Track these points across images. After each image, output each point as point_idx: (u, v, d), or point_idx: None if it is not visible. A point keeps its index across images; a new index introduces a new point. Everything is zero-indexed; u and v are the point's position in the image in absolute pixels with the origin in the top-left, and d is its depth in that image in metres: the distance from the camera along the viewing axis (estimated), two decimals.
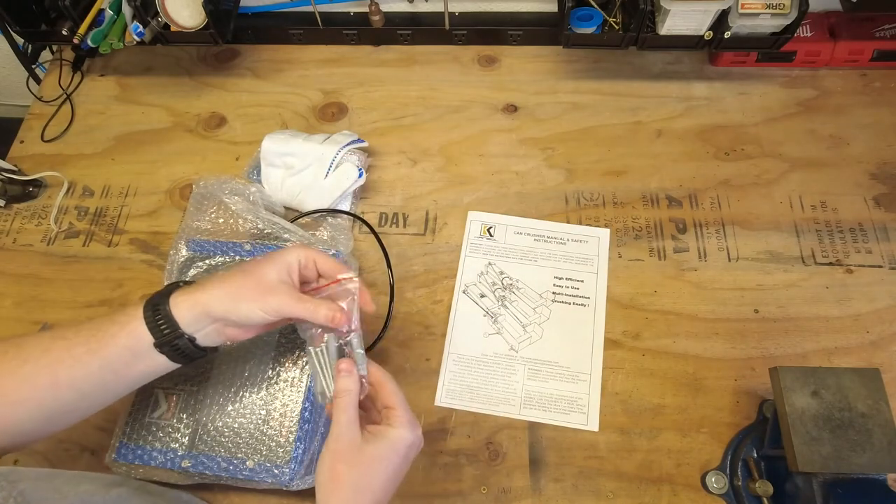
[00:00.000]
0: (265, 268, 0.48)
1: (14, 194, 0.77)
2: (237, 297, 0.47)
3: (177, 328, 0.46)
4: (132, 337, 0.46)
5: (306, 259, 0.50)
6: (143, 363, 0.47)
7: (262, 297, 0.47)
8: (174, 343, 0.46)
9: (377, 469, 0.43)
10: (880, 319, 0.65)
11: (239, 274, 0.48)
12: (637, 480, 0.59)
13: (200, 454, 0.56)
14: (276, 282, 0.48)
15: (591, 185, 0.76)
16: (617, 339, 0.66)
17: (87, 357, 0.45)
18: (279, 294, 0.47)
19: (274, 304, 0.47)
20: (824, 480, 0.49)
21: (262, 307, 0.47)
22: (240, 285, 0.47)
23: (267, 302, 0.47)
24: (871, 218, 0.72)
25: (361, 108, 0.84)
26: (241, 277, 0.48)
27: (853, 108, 0.80)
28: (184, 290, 0.48)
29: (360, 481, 0.42)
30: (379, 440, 0.44)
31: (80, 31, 0.74)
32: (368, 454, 0.43)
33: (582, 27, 0.74)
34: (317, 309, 0.48)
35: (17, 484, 0.42)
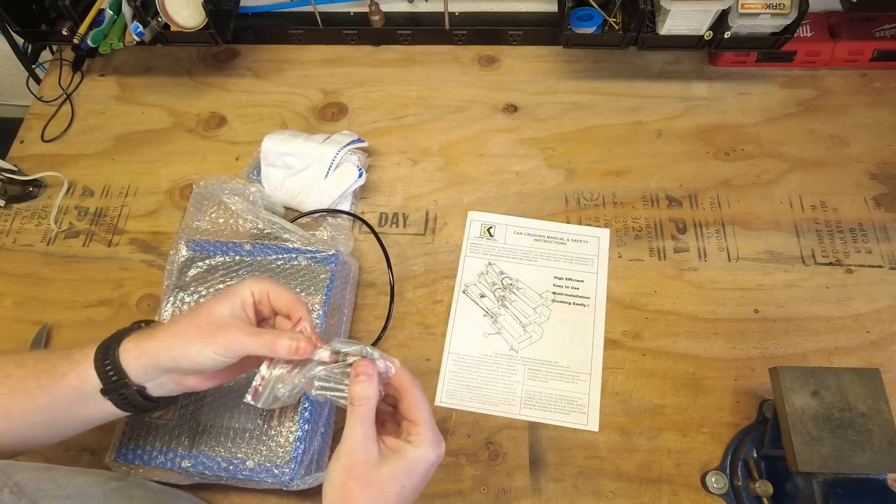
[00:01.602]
0: (214, 305, 0.44)
1: (14, 194, 0.77)
2: (184, 341, 0.43)
3: (124, 377, 0.43)
4: (80, 379, 0.44)
5: (259, 293, 0.45)
6: (90, 407, 0.45)
7: (210, 336, 0.42)
8: (121, 392, 0.44)
9: (392, 490, 0.39)
10: (880, 319, 0.65)
11: (188, 316, 0.45)
12: (637, 480, 0.59)
13: (200, 454, 0.56)
14: (226, 317, 0.44)
15: (591, 185, 0.76)
16: (617, 339, 0.66)
17: (37, 392, 0.44)
18: (228, 329, 0.43)
19: (223, 342, 0.42)
20: (824, 480, 0.49)
21: (211, 348, 0.42)
22: (185, 327, 0.43)
23: (215, 341, 0.42)
24: (871, 218, 0.72)
25: (361, 108, 0.84)
26: (189, 319, 0.44)
27: (853, 108, 0.80)
28: (136, 336, 0.45)
29: (379, 496, 0.38)
30: (397, 460, 0.40)
31: (80, 31, 0.74)
32: (384, 474, 0.39)
33: (582, 27, 0.74)
34: (275, 341, 0.42)
35: (13, 475, 0.41)
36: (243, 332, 0.43)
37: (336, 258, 0.64)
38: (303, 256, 0.64)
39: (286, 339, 0.42)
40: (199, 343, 0.42)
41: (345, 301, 0.66)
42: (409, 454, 0.40)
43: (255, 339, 0.43)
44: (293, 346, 0.42)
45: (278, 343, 0.42)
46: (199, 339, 0.43)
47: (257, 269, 0.64)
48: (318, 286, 0.62)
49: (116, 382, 0.44)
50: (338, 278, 0.64)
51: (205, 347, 0.42)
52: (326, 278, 0.63)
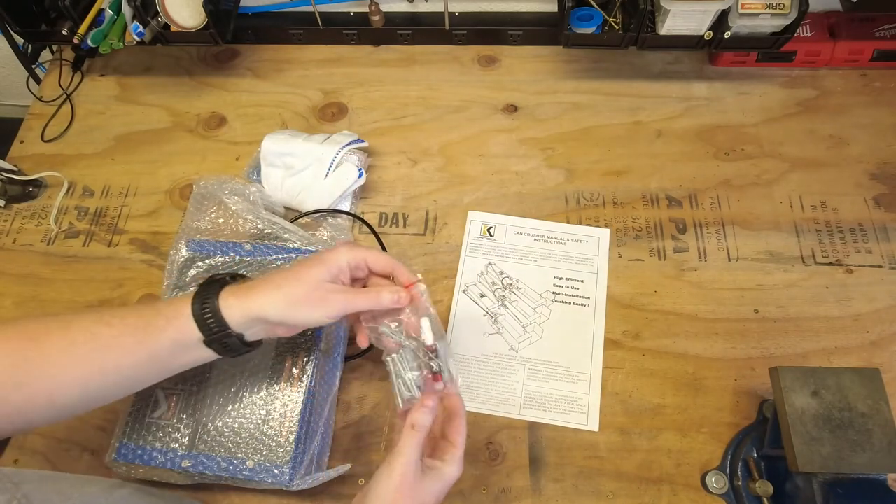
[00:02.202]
0: (316, 270, 0.48)
1: (14, 194, 0.77)
2: (295, 305, 0.47)
3: (227, 328, 0.47)
4: (181, 332, 0.46)
5: (355, 260, 0.50)
6: (190, 355, 0.48)
7: (320, 302, 0.47)
8: (224, 341, 0.47)
9: (429, 499, 0.45)
10: (880, 319, 0.65)
11: (291, 279, 0.47)
12: (637, 480, 0.59)
13: (200, 454, 0.56)
14: (329, 285, 0.48)
15: (591, 185, 0.76)
16: (617, 339, 0.66)
17: (136, 347, 0.46)
18: (336, 296, 0.47)
19: (334, 307, 0.47)
20: (824, 480, 0.49)
21: (322, 312, 0.47)
22: (295, 292, 0.47)
23: (326, 307, 0.47)
24: (871, 218, 0.72)
25: (361, 108, 0.84)
26: (295, 284, 0.47)
27: (853, 108, 0.80)
28: (234, 290, 0.48)
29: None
30: (434, 478, 0.46)
31: (80, 31, 0.74)
32: (425, 489, 0.45)
33: (582, 27, 0.74)
34: (379, 296, 0.49)
35: (21, 486, 0.42)
36: (349, 295, 0.48)
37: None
38: (303, 256, 0.64)
39: (387, 293, 0.49)
40: (309, 308, 0.47)
41: None
42: (444, 473, 0.46)
43: (362, 298, 0.49)
44: (395, 297, 0.49)
45: (382, 297, 0.49)
46: (309, 305, 0.47)
47: (257, 270, 0.64)
48: None
49: (220, 334, 0.47)
50: None
51: (315, 312, 0.47)
52: None
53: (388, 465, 0.45)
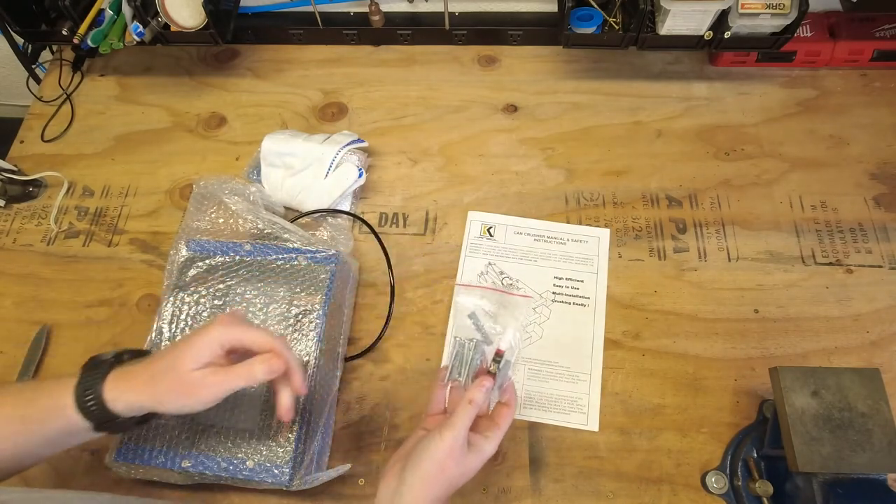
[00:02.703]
0: (185, 360, 0.46)
1: (14, 194, 0.77)
2: (167, 400, 0.46)
3: (115, 417, 0.47)
4: (69, 422, 0.46)
5: (230, 342, 0.48)
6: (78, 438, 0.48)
7: (190, 394, 0.46)
8: (114, 427, 0.48)
9: (468, 471, 0.49)
10: (880, 319, 0.65)
11: (164, 371, 0.47)
12: (637, 480, 0.59)
13: (200, 454, 0.56)
14: (197, 374, 0.46)
15: (591, 185, 0.76)
16: (617, 339, 0.66)
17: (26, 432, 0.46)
18: (208, 382, 0.46)
19: (208, 396, 0.46)
20: (824, 480, 0.49)
21: (194, 403, 0.46)
22: (165, 388, 0.46)
23: (197, 397, 0.46)
24: (871, 218, 0.72)
25: (361, 108, 0.84)
26: (164, 377, 0.47)
27: (853, 108, 0.80)
28: (118, 376, 0.47)
29: (457, 477, 0.48)
30: (477, 451, 0.49)
31: (80, 31, 0.74)
32: (469, 459, 0.49)
33: (582, 27, 0.74)
34: (251, 371, 0.47)
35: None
36: (220, 376, 0.47)
37: (336, 258, 0.64)
38: (303, 256, 0.64)
39: (259, 365, 0.47)
40: (181, 400, 0.46)
41: (345, 301, 0.66)
42: (484, 448, 0.50)
43: (234, 378, 0.47)
44: (267, 368, 0.47)
45: (254, 373, 0.47)
46: (181, 397, 0.46)
47: (257, 270, 0.64)
48: (318, 286, 0.62)
49: (108, 423, 0.47)
50: (338, 278, 0.64)
51: (188, 402, 0.46)
52: (326, 278, 0.63)
53: (439, 432, 0.48)
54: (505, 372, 0.58)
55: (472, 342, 0.59)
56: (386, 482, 0.48)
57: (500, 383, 0.57)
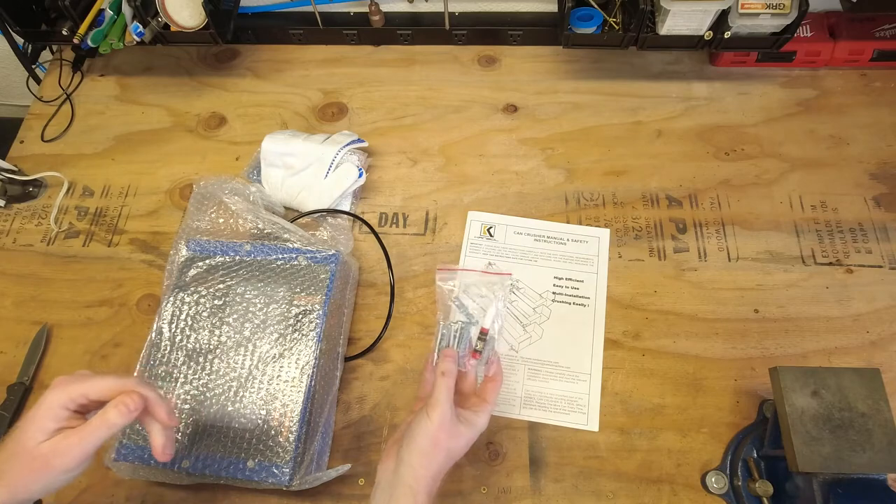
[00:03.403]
0: (29, 436, 0.42)
1: (14, 194, 0.77)
2: (24, 487, 0.42)
3: None
4: None
5: (71, 399, 0.44)
6: None
7: (45, 470, 0.42)
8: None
9: (462, 443, 0.50)
10: (880, 319, 0.65)
11: (9, 460, 0.42)
12: (637, 480, 0.59)
13: (200, 454, 0.56)
14: (46, 445, 0.42)
15: (591, 185, 0.76)
16: (617, 339, 0.66)
17: None
18: (62, 454, 0.42)
19: (66, 465, 0.42)
20: (824, 480, 0.49)
21: (55, 477, 0.42)
22: (17, 475, 0.42)
23: (58, 468, 0.42)
24: (871, 218, 0.72)
25: (361, 108, 0.84)
26: (10, 465, 0.42)
27: (853, 108, 0.80)
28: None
29: (452, 450, 0.50)
30: (469, 424, 0.51)
31: (80, 31, 0.74)
32: (460, 431, 0.50)
33: (582, 27, 0.74)
34: (106, 421, 0.43)
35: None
36: (72, 440, 0.42)
37: (336, 258, 0.64)
38: (303, 256, 0.64)
39: (113, 412, 0.43)
40: (40, 479, 0.42)
41: (345, 301, 0.66)
42: (476, 422, 0.51)
43: (88, 435, 0.43)
44: (122, 409, 0.43)
45: (109, 417, 0.43)
46: (37, 477, 0.42)
47: (257, 270, 0.64)
48: (318, 286, 0.62)
49: None
50: (338, 278, 0.64)
51: (48, 478, 0.42)
52: (326, 278, 0.63)
53: (425, 410, 0.49)
54: (490, 347, 0.59)
55: (458, 324, 0.60)
56: (384, 465, 0.50)
57: (485, 359, 0.59)
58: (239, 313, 0.62)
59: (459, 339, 0.59)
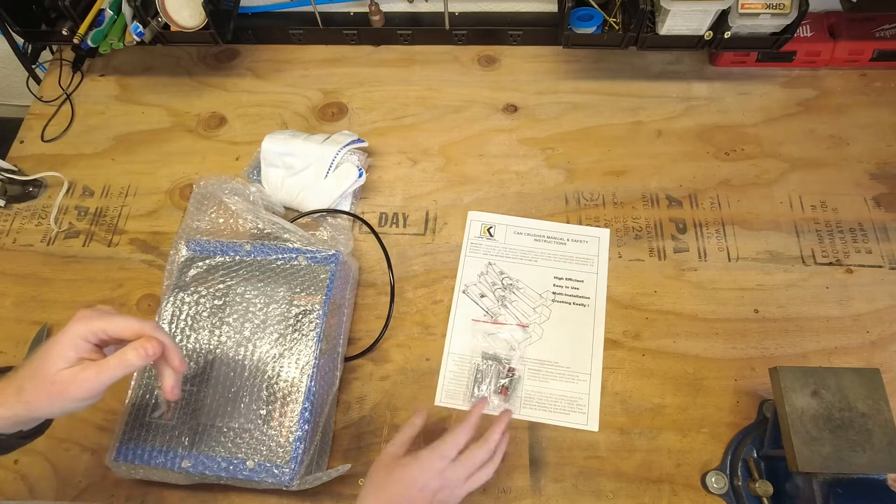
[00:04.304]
0: (49, 363, 0.44)
1: (14, 194, 0.77)
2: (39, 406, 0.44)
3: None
4: None
5: (92, 333, 0.45)
6: None
7: (63, 395, 0.44)
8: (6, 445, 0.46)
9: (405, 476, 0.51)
10: (880, 319, 0.65)
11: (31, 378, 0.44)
12: (637, 480, 0.59)
13: (200, 454, 0.56)
14: (66, 373, 0.44)
15: (591, 185, 0.76)
16: (617, 339, 0.66)
17: None
18: (79, 383, 0.44)
19: (80, 394, 0.44)
20: (824, 480, 0.49)
21: (70, 404, 0.44)
22: (36, 396, 0.44)
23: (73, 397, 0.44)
24: (871, 218, 0.72)
25: (361, 108, 0.84)
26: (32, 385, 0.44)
27: (853, 108, 0.80)
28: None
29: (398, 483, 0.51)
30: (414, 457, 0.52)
31: (80, 31, 0.74)
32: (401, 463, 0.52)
33: (582, 27, 0.74)
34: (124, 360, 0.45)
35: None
36: (92, 371, 0.44)
37: (336, 258, 0.64)
38: (303, 256, 0.64)
39: (132, 353, 0.45)
40: (55, 403, 0.44)
41: (345, 301, 0.66)
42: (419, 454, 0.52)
43: (105, 371, 0.44)
44: (141, 353, 0.45)
45: (128, 358, 0.45)
46: (53, 400, 0.44)
47: (257, 270, 0.64)
48: (318, 286, 0.62)
49: None
50: (338, 278, 0.64)
51: (62, 403, 0.44)
52: (326, 278, 0.63)
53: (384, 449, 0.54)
54: (516, 386, 0.64)
55: (492, 364, 0.64)
56: None
57: (510, 397, 0.63)
58: (239, 313, 0.62)
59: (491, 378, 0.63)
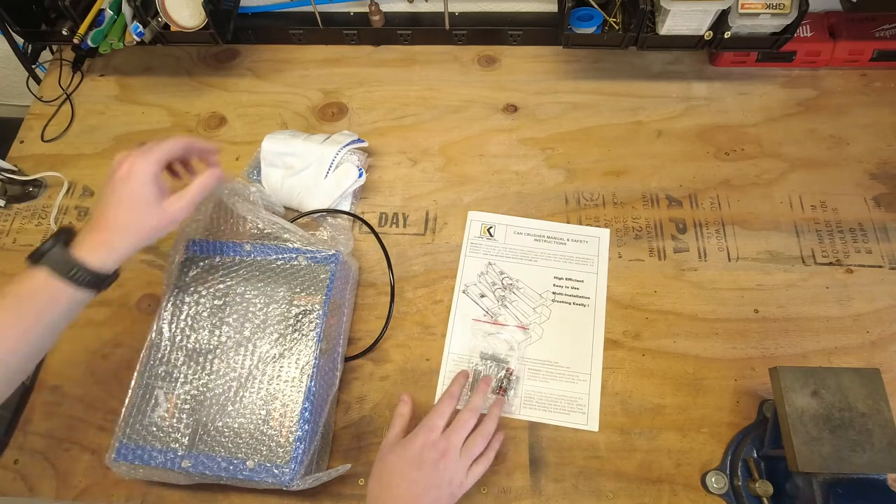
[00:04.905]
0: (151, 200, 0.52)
1: (14, 194, 0.77)
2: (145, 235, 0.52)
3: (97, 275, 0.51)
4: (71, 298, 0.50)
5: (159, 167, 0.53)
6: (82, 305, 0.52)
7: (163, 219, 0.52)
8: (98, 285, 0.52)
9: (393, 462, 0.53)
10: (880, 319, 0.65)
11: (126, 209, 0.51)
12: (637, 480, 0.59)
13: (200, 454, 0.56)
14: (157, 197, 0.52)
15: (591, 185, 0.76)
16: (617, 339, 0.66)
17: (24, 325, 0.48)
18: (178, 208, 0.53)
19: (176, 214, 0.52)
20: (824, 480, 0.49)
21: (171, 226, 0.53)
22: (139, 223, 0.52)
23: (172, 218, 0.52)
24: (871, 218, 0.72)
25: (361, 108, 0.84)
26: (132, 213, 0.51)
27: (853, 108, 0.80)
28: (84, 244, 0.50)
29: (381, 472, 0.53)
30: (400, 445, 0.54)
31: (80, 31, 0.74)
32: (389, 459, 0.53)
33: (582, 27, 0.74)
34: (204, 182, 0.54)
35: None
36: (186, 200, 0.53)
37: (336, 258, 0.64)
38: (303, 256, 0.64)
39: (209, 179, 0.55)
40: (160, 229, 0.52)
41: (345, 301, 0.66)
42: (406, 438, 0.55)
43: (190, 193, 0.54)
44: (215, 172, 0.55)
45: (207, 181, 0.55)
46: (157, 226, 0.52)
47: (257, 270, 0.64)
48: (318, 286, 0.62)
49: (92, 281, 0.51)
50: (338, 278, 0.64)
51: (168, 227, 0.53)
52: (326, 278, 0.63)
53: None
54: (513, 386, 0.64)
55: (490, 364, 0.64)
56: None
57: (510, 397, 0.63)
58: (239, 313, 0.62)
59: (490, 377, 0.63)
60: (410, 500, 0.50)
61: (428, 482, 0.51)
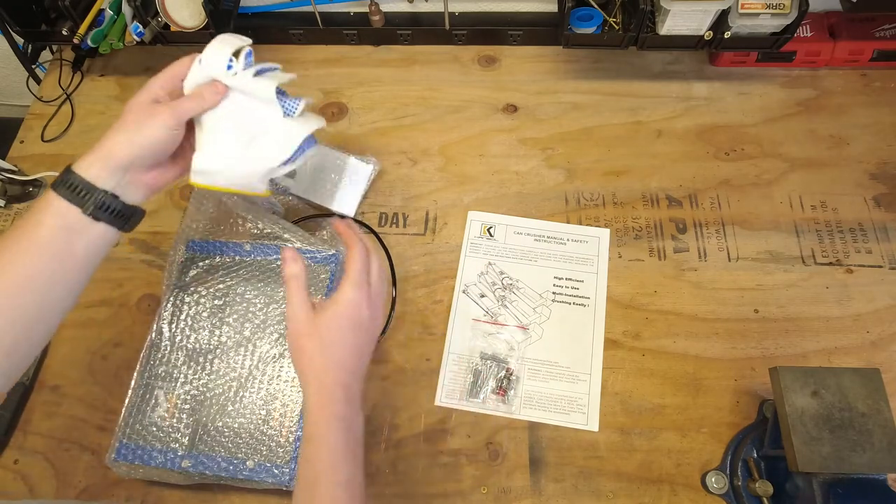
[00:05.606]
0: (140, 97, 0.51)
1: (14, 194, 0.77)
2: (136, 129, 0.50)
3: (95, 188, 0.48)
4: (59, 216, 0.47)
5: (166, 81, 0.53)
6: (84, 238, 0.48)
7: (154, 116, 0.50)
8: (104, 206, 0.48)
9: (332, 333, 0.47)
10: (880, 319, 0.65)
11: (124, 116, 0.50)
12: (637, 480, 0.59)
13: (200, 454, 0.56)
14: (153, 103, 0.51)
15: (591, 185, 0.76)
16: (617, 339, 0.66)
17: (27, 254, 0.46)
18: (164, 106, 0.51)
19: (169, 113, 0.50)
20: (824, 480, 0.49)
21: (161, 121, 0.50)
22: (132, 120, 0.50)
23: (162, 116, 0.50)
24: (871, 218, 0.72)
25: (361, 108, 0.84)
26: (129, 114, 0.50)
27: (853, 108, 0.80)
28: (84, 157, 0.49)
29: (322, 347, 0.47)
30: (328, 307, 0.48)
31: (80, 31, 0.74)
32: (321, 322, 0.47)
33: (582, 27, 0.74)
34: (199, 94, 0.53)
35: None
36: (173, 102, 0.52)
37: (336, 258, 0.64)
38: None
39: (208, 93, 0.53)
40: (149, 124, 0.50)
41: None
42: (336, 298, 0.48)
43: (186, 102, 0.52)
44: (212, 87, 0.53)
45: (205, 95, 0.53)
46: (147, 122, 0.50)
47: (257, 270, 0.64)
48: (318, 286, 0.63)
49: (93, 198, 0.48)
50: (338, 278, 0.64)
51: (155, 123, 0.50)
52: (326, 278, 0.63)
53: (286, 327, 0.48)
54: (514, 385, 0.64)
55: (490, 363, 0.64)
56: None
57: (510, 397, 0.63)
58: (239, 313, 0.62)
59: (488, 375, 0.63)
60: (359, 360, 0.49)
61: (370, 336, 0.50)
